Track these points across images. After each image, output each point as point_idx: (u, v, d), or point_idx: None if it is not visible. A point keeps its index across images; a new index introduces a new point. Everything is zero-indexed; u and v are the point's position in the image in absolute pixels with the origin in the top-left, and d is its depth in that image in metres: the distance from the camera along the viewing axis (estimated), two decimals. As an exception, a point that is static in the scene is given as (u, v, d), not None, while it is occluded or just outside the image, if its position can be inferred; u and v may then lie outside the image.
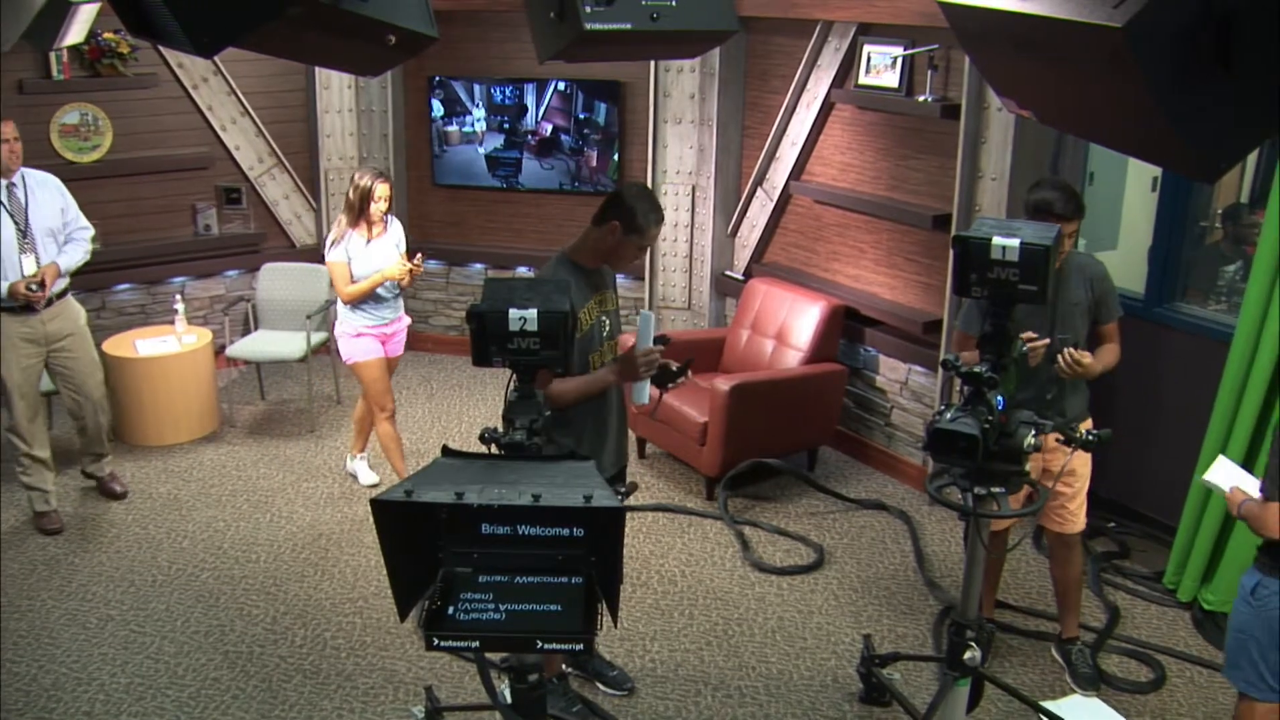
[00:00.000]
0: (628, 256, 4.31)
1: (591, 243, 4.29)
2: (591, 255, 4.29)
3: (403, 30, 3.39)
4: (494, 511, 2.39)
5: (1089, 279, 4.75)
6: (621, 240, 4.21)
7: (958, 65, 6.31)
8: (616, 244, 4.23)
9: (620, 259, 4.32)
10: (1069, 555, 5.03)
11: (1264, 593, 3.92)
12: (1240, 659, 4.02)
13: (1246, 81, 2.60)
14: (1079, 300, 4.72)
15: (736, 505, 6.57)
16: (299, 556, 5.91)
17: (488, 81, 8.43)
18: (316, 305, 7.76)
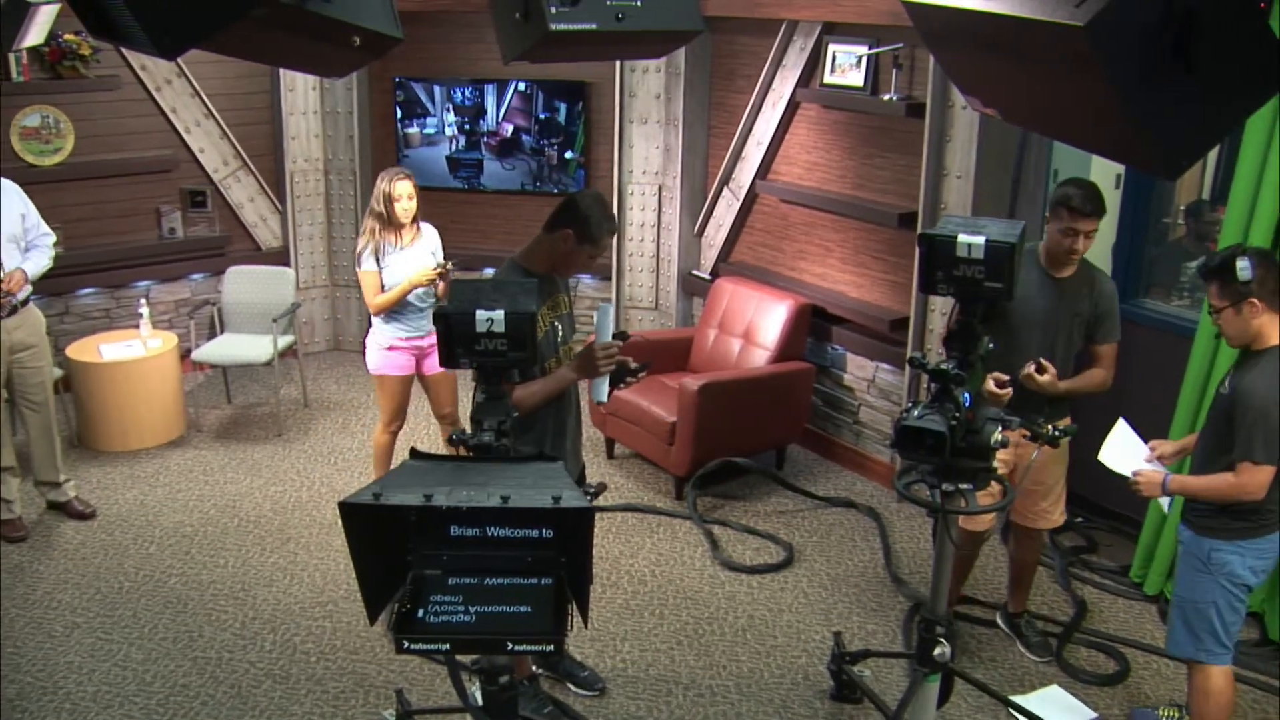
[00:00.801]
0: (578, 264, 4.27)
1: (543, 249, 4.24)
2: (542, 261, 4.23)
3: (367, 31, 3.37)
4: (463, 513, 2.39)
5: (1096, 294, 4.77)
6: (574, 249, 4.17)
7: (923, 64, 6.33)
8: (569, 252, 4.18)
9: (570, 267, 4.28)
10: (1033, 544, 5.10)
11: (1219, 556, 4.04)
12: (1201, 630, 4.11)
13: (1207, 79, 2.62)
14: (1081, 312, 4.75)
15: (705, 504, 6.58)
16: (268, 561, 5.87)
17: (452, 83, 8.41)
18: (283, 308, 7.72)
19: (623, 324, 8.33)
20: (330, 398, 8.16)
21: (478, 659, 2.98)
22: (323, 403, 8.06)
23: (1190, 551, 4.12)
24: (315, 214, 8.76)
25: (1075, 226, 4.54)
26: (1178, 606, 4.18)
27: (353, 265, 8.79)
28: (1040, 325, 4.68)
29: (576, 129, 8.36)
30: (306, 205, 8.70)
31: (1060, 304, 4.69)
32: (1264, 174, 5.01)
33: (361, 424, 7.68)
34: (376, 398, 6.19)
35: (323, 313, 9.04)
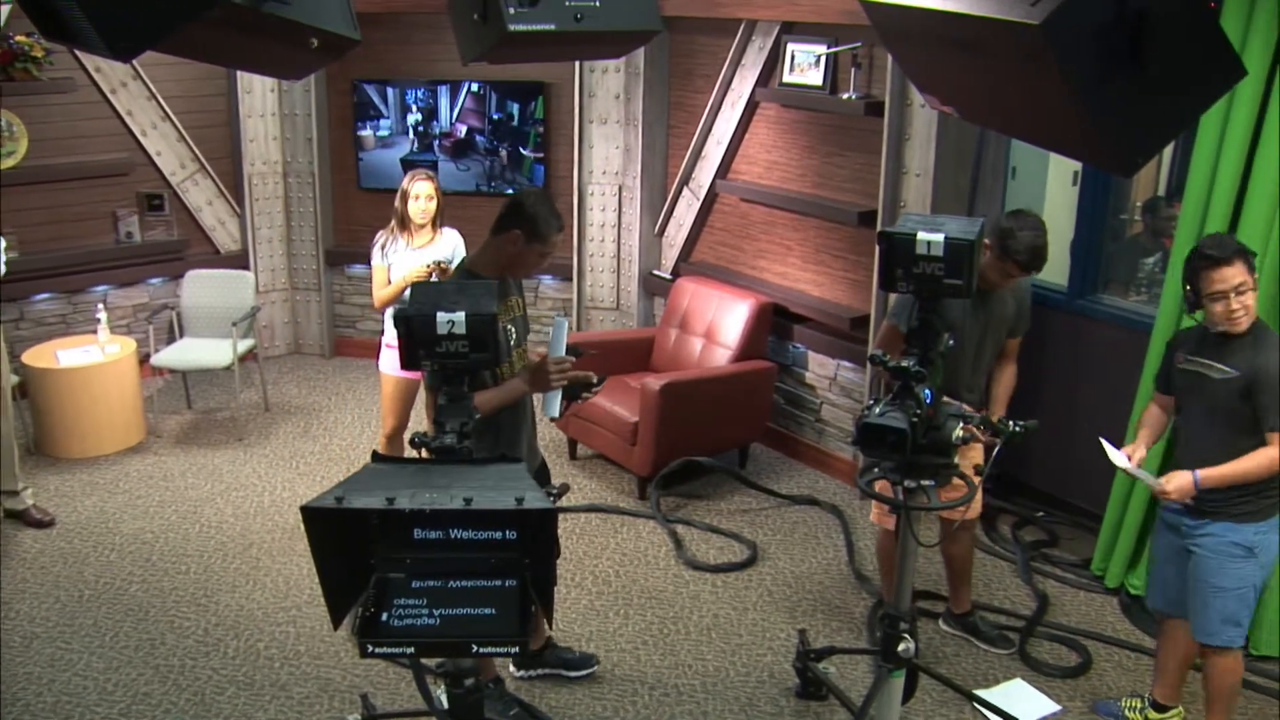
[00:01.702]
0: (529, 264, 4.26)
1: (491, 253, 4.22)
2: (491, 265, 4.21)
3: (325, 33, 3.36)
4: (426, 516, 2.38)
5: (1019, 293, 4.86)
6: (523, 249, 4.15)
7: (881, 63, 6.36)
8: (518, 253, 4.16)
9: (521, 267, 4.27)
10: (965, 535, 5.13)
11: (1264, 539, 4.09)
12: (1242, 615, 4.17)
13: (1160, 77, 2.65)
14: (1007, 315, 4.84)
15: (669, 504, 6.58)
16: (230, 567, 5.83)
17: (411, 84, 8.38)
18: (242, 312, 7.67)
19: (584, 325, 8.32)
20: (291, 402, 8.12)
21: (443, 662, 2.98)
22: (284, 407, 8.01)
23: (1227, 541, 4.09)
24: (274, 217, 8.71)
25: (1014, 275, 4.67)
26: (1215, 597, 4.14)
27: (313, 268, 8.81)
28: (973, 336, 4.74)
29: (530, 129, 8.35)
30: (265, 208, 8.65)
31: (988, 313, 4.75)
32: (1218, 170, 5.07)
33: (323, 427, 7.64)
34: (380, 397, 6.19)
35: (283, 316, 8.98)
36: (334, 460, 7.13)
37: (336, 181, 8.78)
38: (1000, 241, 4.53)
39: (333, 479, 6.50)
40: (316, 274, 8.88)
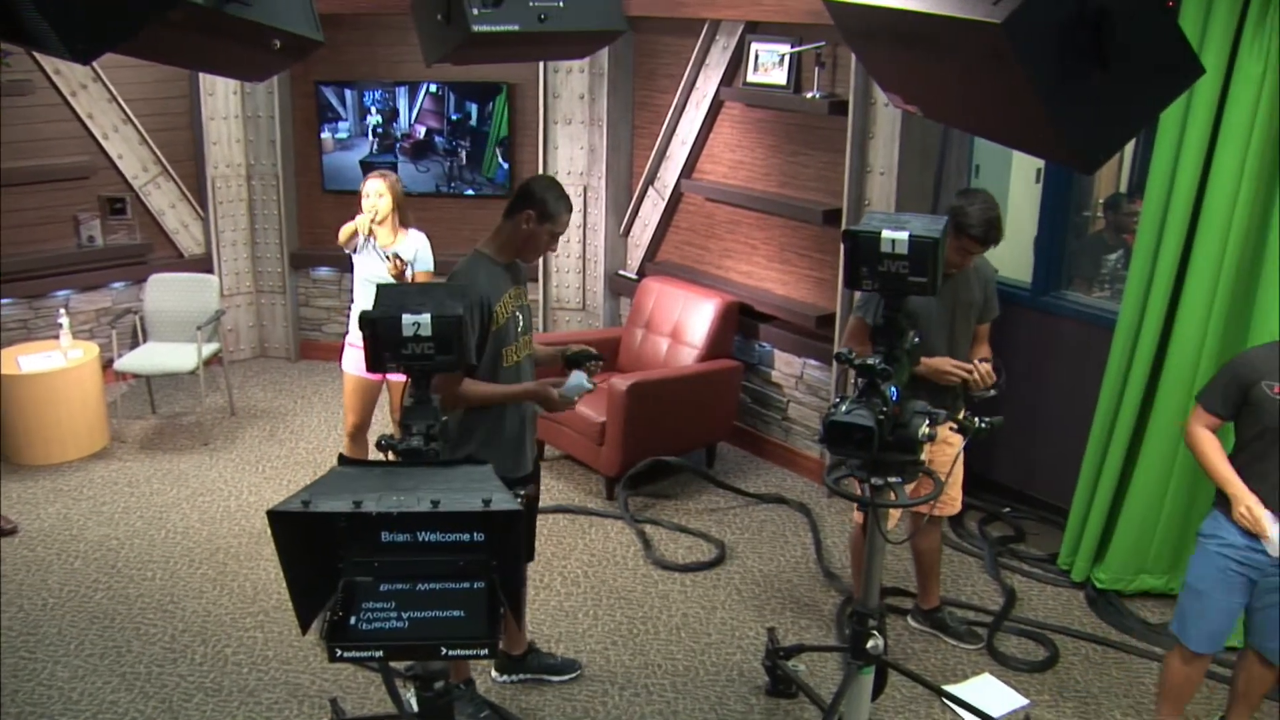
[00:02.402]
0: (541, 246, 4.34)
1: (505, 236, 4.32)
2: (504, 249, 4.32)
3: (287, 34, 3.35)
4: (393, 519, 2.37)
5: (984, 280, 4.89)
6: (535, 229, 4.25)
7: (845, 62, 6.38)
8: (530, 234, 4.26)
9: (533, 249, 4.35)
10: (935, 530, 5.16)
11: None
12: None
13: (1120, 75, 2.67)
14: (974, 301, 4.85)
15: (637, 504, 6.59)
16: (196, 572, 5.80)
17: (371, 86, 8.35)
18: (206, 316, 7.62)
19: (550, 326, 8.34)
20: (257, 405, 8.08)
21: (412, 665, 2.97)
22: (249, 411, 7.97)
23: None
24: (238, 220, 8.66)
25: (973, 251, 4.67)
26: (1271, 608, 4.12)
27: (278, 271, 8.77)
28: (944, 323, 4.76)
29: (489, 129, 8.34)
30: (229, 211, 8.60)
31: (954, 295, 4.77)
32: (1178, 167, 5.12)
33: (290, 431, 7.61)
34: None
35: (248, 320, 8.94)
36: (300, 464, 7.10)
37: (301, 184, 8.74)
38: (954, 220, 4.54)
39: (299, 482, 6.47)
40: (281, 277, 8.84)
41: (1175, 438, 5.34)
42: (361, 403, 5.95)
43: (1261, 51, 4.79)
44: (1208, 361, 5.19)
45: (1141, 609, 5.56)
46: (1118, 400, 5.50)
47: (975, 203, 4.58)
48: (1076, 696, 4.88)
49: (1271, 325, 4.92)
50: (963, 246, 4.61)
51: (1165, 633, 5.31)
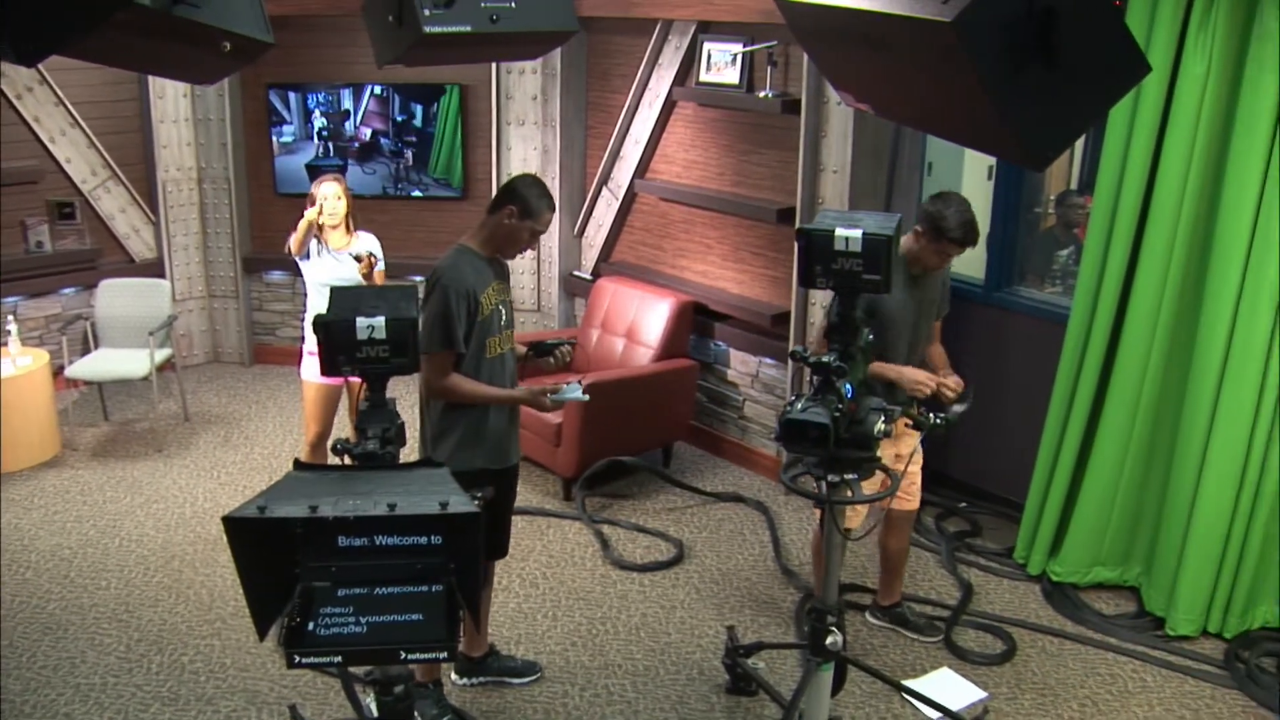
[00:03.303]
0: (521, 242, 4.39)
1: (488, 232, 4.37)
2: (487, 244, 4.38)
3: (237, 36, 3.33)
4: (350, 523, 2.37)
5: (943, 278, 4.94)
6: (516, 225, 4.30)
7: (797, 61, 6.41)
8: (512, 229, 4.32)
9: (514, 245, 4.39)
10: (905, 528, 5.19)
11: None
12: None
13: (1068, 74, 2.70)
14: (935, 298, 4.90)
15: (594, 504, 6.58)
16: (152, 580, 5.75)
17: (318, 89, 8.31)
18: (159, 321, 7.56)
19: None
20: (211, 411, 8.01)
21: (371, 670, 2.96)
22: (203, 416, 7.91)
23: None
24: (190, 224, 8.59)
25: (953, 254, 4.71)
26: None
27: (231, 275, 8.70)
28: (909, 321, 4.79)
29: (434, 130, 8.32)
30: (181, 215, 8.53)
31: (922, 295, 4.81)
32: (1127, 163, 5.18)
33: (244, 436, 7.55)
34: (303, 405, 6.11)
35: (200, 324, 8.87)
36: (256, 469, 7.05)
37: (253, 187, 8.68)
38: (932, 225, 4.58)
39: (255, 488, 6.43)
40: (234, 281, 8.77)
41: (1128, 431, 5.41)
42: (325, 411, 5.89)
43: (1204, 51, 4.86)
44: (1158, 355, 5.25)
45: (1096, 600, 5.61)
46: (1071, 395, 5.56)
47: (951, 205, 4.61)
48: (1034, 688, 4.92)
49: (1221, 318, 4.99)
50: (942, 250, 4.65)
51: (1120, 623, 5.39)
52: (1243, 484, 5.08)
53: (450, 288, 4.18)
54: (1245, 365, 4.96)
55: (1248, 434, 5.02)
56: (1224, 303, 4.98)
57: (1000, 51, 2.62)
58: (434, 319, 4.19)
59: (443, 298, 4.18)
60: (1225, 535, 5.15)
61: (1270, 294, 4.86)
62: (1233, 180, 4.90)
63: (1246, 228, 4.88)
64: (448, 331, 4.19)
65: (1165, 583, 5.35)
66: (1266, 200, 4.82)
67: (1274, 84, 4.71)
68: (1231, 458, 5.06)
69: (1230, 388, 5.02)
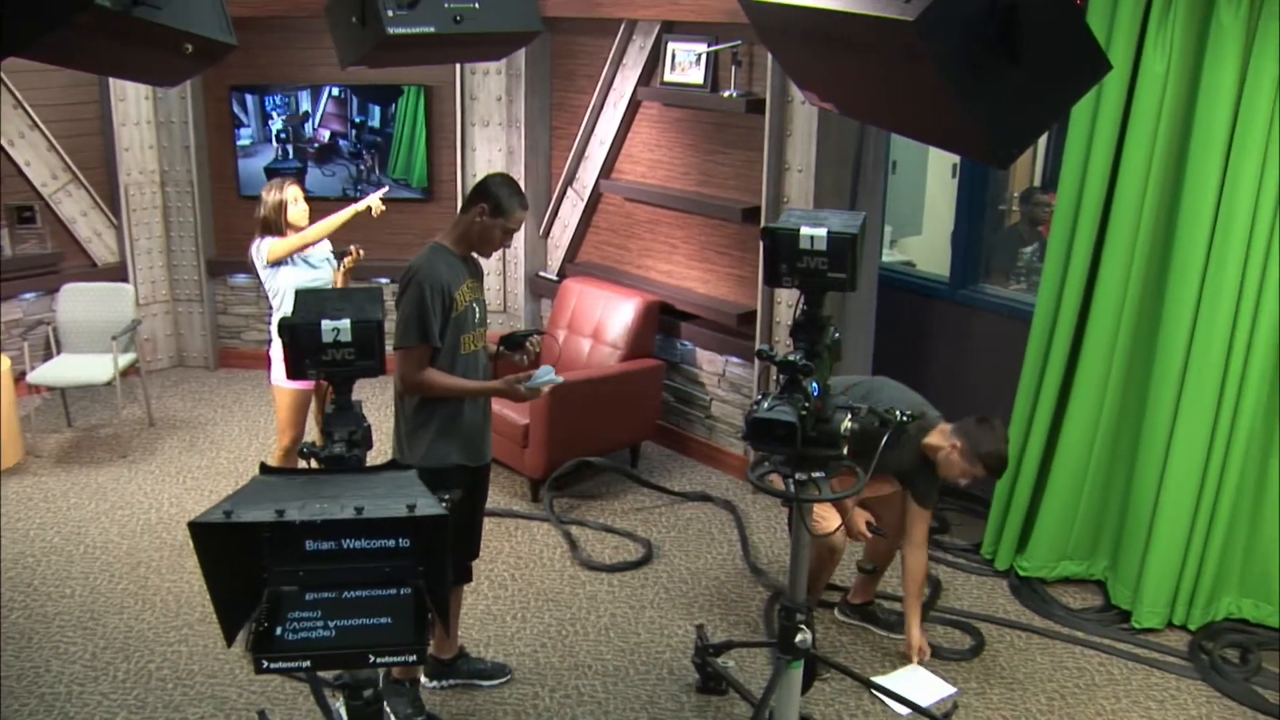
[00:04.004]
0: (495, 241, 4.40)
1: (461, 230, 4.39)
2: (460, 242, 4.40)
3: (199, 38, 3.31)
4: (317, 527, 2.36)
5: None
6: (489, 223, 4.32)
7: (761, 61, 6.42)
8: (484, 228, 4.33)
9: (488, 243, 4.41)
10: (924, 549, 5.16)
11: None
12: None
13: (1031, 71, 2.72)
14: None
15: (562, 505, 6.58)
16: (117, 587, 5.71)
17: (288, 89, 8.28)
18: (122, 325, 7.50)
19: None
20: (176, 416, 7.96)
21: (340, 674, 2.94)
22: (168, 421, 7.86)
23: None
24: (153, 227, 8.53)
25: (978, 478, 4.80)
26: None
27: (195, 279, 8.65)
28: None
29: (393, 131, 8.30)
30: (143, 219, 8.47)
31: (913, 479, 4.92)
32: (1089, 160, 5.22)
33: (210, 441, 7.51)
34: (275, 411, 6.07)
35: (165, 329, 8.81)
36: (222, 474, 7.01)
37: (216, 190, 8.63)
38: (974, 449, 4.64)
39: (221, 493, 6.38)
40: (198, 285, 8.72)
41: (1093, 427, 5.45)
42: (299, 417, 5.88)
43: (1164, 50, 4.91)
44: (1122, 351, 5.30)
45: (1063, 595, 5.65)
46: (1036, 391, 5.59)
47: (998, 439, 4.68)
48: (1003, 683, 4.95)
49: (1183, 313, 5.03)
50: (972, 470, 4.70)
51: (1087, 617, 5.43)
52: (1205, 478, 5.13)
53: (425, 283, 4.19)
54: (1207, 360, 5.01)
55: (1210, 428, 5.07)
56: (1186, 298, 5.03)
57: (962, 50, 2.64)
58: (409, 313, 4.20)
59: (417, 292, 4.18)
60: (1189, 529, 5.19)
61: (1231, 289, 4.91)
62: (1193, 176, 4.94)
63: (1207, 224, 4.92)
64: (423, 325, 4.19)
65: (1131, 576, 5.40)
66: (1226, 196, 4.86)
67: (1232, 81, 4.76)
68: (1194, 452, 5.11)
69: (1193, 382, 5.07)
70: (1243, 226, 4.84)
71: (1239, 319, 4.94)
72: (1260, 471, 5.18)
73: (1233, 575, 5.33)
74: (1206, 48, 4.82)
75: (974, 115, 2.76)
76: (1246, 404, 5.03)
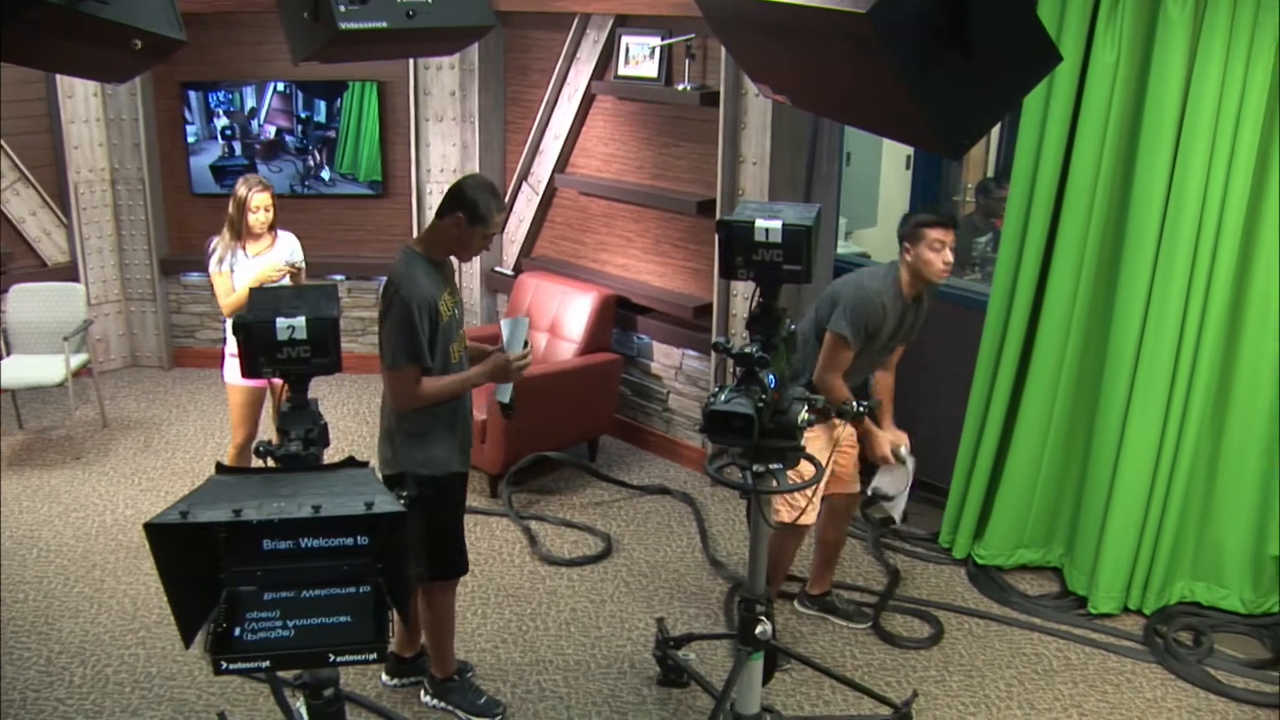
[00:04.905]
0: (474, 247, 4.33)
1: (438, 236, 4.30)
2: (438, 248, 4.32)
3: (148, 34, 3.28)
4: (274, 526, 2.35)
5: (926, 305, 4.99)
6: (466, 231, 4.22)
7: (715, 53, 6.43)
8: (461, 235, 4.24)
9: (466, 250, 4.34)
10: (845, 517, 5.24)
11: None
12: None
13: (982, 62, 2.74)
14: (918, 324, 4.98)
15: (521, 500, 6.57)
16: (72, 591, 5.65)
17: (240, 85, 8.21)
18: (74, 326, 7.42)
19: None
20: (130, 416, 7.89)
21: (300, 674, 2.93)
22: (122, 422, 7.79)
23: None
24: (104, 226, 8.44)
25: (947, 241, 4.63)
26: None
27: (147, 278, 8.57)
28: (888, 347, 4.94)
29: (337, 126, 8.28)
30: (94, 218, 8.38)
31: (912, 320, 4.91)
32: (1042, 151, 5.26)
33: (165, 441, 7.44)
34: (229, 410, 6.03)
35: (117, 329, 8.72)
36: (178, 474, 6.96)
37: (168, 188, 8.55)
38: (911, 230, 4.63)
39: (177, 493, 6.34)
40: (151, 284, 8.64)
41: (1047, 416, 5.50)
42: (252, 414, 5.86)
43: (1114, 41, 4.95)
44: (1075, 340, 5.35)
45: (1021, 582, 5.70)
46: (991, 381, 5.64)
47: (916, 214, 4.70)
48: (961, 670, 4.99)
49: (1135, 302, 5.09)
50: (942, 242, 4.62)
51: (1044, 603, 5.48)
52: (1158, 464, 5.19)
53: (411, 300, 4.09)
54: (1159, 348, 5.06)
55: (1162, 416, 5.13)
56: (1138, 287, 5.08)
57: (914, 42, 2.65)
58: (398, 335, 4.10)
59: (405, 312, 4.09)
60: (1143, 515, 5.25)
61: (1181, 278, 4.97)
62: (1144, 166, 5.00)
63: (1158, 213, 4.98)
64: (413, 347, 4.10)
65: (1086, 563, 5.45)
66: (1176, 185, 4.92)
67: (1180, 72, 4.81)
68: (1147, 439, 5.17)
69: (1145, 370, 5.12)
70: (1192, 216, 4.89)
71: (1189, 307, 5.00)
72: (1211, 458, 5.26)
73: (1185, 560, 5.40)
74: (1155, 40, 4.87)
75: (925, 106, 2.77)
76: (1198, 391, 5.09)
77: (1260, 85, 4.71)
